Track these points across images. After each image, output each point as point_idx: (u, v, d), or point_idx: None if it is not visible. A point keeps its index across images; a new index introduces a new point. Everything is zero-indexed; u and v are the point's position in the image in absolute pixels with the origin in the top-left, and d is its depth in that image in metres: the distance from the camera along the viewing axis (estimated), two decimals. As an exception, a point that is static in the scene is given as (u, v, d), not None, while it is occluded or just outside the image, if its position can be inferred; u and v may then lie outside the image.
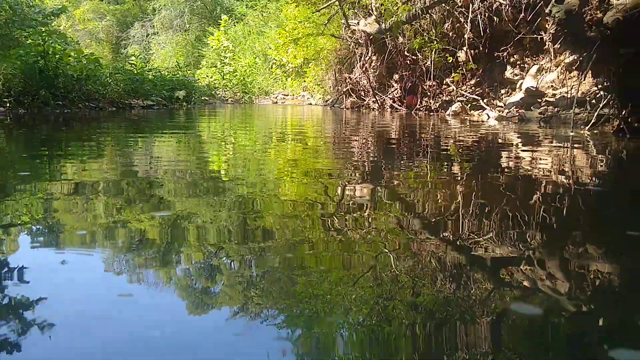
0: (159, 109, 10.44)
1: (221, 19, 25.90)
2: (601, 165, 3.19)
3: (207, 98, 15.49)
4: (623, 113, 4.13)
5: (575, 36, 3.89)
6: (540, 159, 3.40)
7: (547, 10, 3.96)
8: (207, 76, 20.95)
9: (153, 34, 32.69)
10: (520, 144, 4.34)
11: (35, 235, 1.59)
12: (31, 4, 15.67)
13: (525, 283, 1.24)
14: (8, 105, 7.11)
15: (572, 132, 4.71)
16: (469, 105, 9.04)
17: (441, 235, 1.60)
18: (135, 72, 11.40)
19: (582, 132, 4.84)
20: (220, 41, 24.37)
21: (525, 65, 8.49)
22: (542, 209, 1.96)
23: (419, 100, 10.33)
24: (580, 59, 4.39)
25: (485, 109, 8.46)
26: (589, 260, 1.39)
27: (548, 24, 7.03)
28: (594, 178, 2.70)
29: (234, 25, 27.19)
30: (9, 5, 12.73)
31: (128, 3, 36.51)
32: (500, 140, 4.75)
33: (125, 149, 3.81)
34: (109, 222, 1.73)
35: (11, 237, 1.54)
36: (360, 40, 11.89)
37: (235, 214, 1.82)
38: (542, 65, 7.99)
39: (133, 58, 14.46)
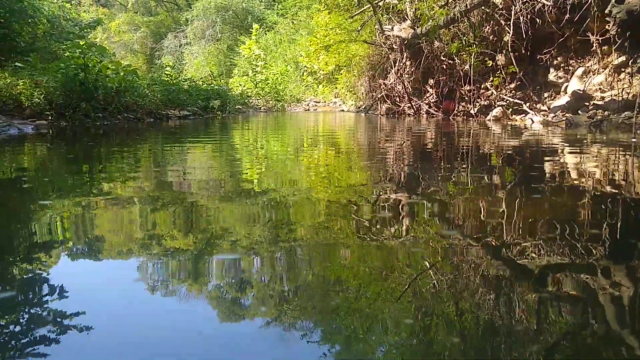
0: (194, 118, 10.48)
1: (252, 28, 26.06)
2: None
3: (240, 107, 15.53)
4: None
5: (637, 36, 3.66)
6: (608, 170, 3.19)
7: (606, 11, 3.75)
8: (239, 85, 21.07)
9: (186, 44, 33.17)
10: (575, 152, 4.12)
11: (75, 248, 1.51)
12: (68, 17, 16.02)
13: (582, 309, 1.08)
14: (50, 118, 7.19)
15: (634, 138, 4.45)
16: (510, 109, 8.77)
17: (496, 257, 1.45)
18: (171, 82, 11.50)
19: (642, 137, 4.57)
20: (252, 50, 24.50)
21: (570, 68, 8.19)
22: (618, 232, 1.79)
23: (457, 105, 10.10)
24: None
25: (529, 113, 8.18)
26: None
27: (596, 25, 6.75)
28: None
29: (265, 33, 27.35)
30: (46, 19, 13.00)
31: (162, 14, 37.22)
32: (552, 148, 4.53)
33: (169, 162, 3.75)
34: (146, 235, 1.63)
35: (54, 249, 1.46)
36: (394, 46, 11.73)
37: (275, 232, 1.71)
38: (588, 67, 7.69)
39: (168, 68, 14.61)
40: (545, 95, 8.55)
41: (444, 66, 10.30)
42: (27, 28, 12.03)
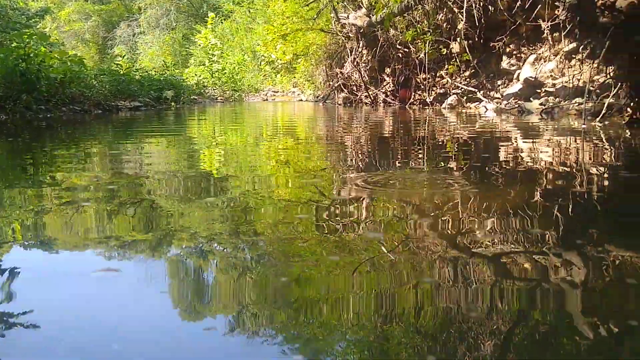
0: (146, 109, 10.14)
1: (208, 17, 25.53)
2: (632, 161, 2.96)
3: (196, 97, 15.17)
4: (637, 103, 3.92)
5: (586, 22, 3.67)
6: (562, 156, 3.17)
7: (555, -4, 3.74)
8: (195, 75, 20.60)
9: (140, 34, 32.24)
10: (531, 140, 4.12)
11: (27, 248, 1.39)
12: (15, 7, 15.31)
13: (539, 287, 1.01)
14: (-12, 111, 6.80)
15: (584, 124, 4.49)
16: (465, 97, 8.83)
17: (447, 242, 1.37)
18: (121, 72, 11.08)
19: (592, 123, 4.61)
20: (208, 39, 24.01)
21: (522, 55, 8.29)
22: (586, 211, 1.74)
23: (413, 93, 10.11)
24: (591, 46, 4.17)
25: (482, 101, 8.24)
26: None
27: (546, 12, 6.82)
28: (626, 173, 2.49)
29: (221, 22, 26.83)
30: (-8, 10, 12.38)
31: (113, 3, 36.01)
32: (505, 136, 4.53)
33: (111, 160, 3.55)
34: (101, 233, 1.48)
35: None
36: (350, 34, 11.65)
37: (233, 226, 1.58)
38: (540, 54, 7.79)
39: (119, 58, 14.12)
40: (499, 82, 8.64)
41: (400, 54, 10.28)
42: (-28, 20, 11.41)
